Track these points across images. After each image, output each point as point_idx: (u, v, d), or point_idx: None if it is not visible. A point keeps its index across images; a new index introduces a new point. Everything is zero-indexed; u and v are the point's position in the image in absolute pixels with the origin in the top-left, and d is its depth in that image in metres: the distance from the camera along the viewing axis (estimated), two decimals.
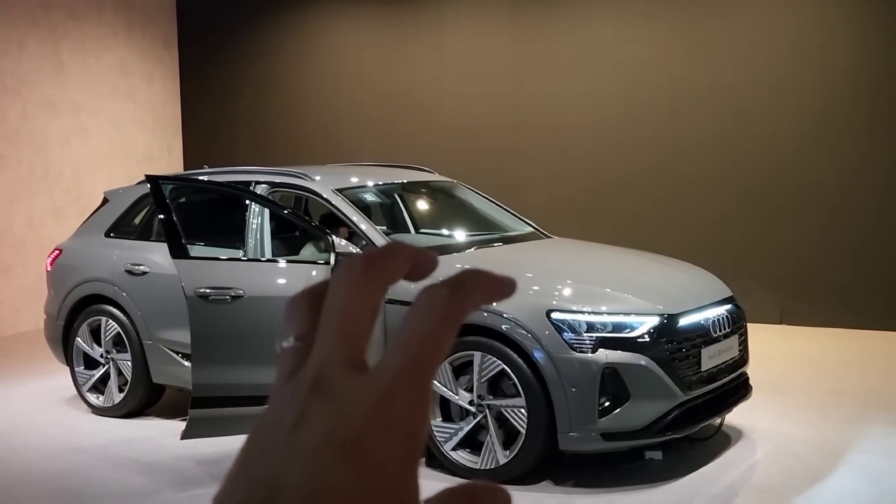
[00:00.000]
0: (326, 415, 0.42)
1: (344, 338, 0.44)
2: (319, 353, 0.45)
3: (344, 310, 0.45)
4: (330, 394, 0.43)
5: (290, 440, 0.42)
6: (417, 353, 0.43)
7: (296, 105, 11.75)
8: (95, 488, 5.25)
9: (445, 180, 7.27)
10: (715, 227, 9.34)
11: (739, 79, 9.18)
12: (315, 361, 0.44)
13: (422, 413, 0.43)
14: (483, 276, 0.46)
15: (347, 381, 0.43)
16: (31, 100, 10.36)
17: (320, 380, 0.43)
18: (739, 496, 4.85)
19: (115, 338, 6.71)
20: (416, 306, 0.45)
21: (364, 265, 0.46)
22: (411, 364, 0.43)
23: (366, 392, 0.42)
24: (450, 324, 0.44)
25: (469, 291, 0.45)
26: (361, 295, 0.45)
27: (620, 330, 4.99)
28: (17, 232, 10.19)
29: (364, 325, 0.45)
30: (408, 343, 0.44)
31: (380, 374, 0.43)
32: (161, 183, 5.59)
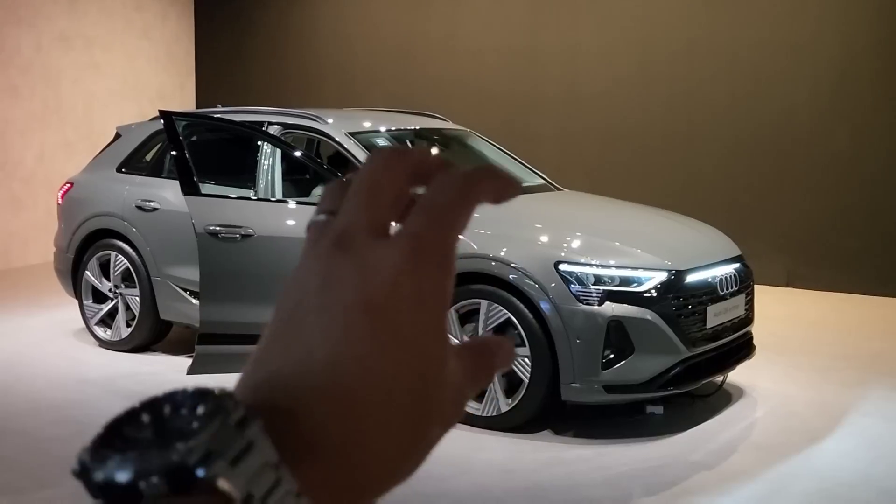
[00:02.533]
0: (352, 272, 0.43)
1: (369, 205, 0.45)
2: (344, 216, 0.45)
3: (371, 180, 0.46)
4: (354, 252, 0.43)
5: (318, 302, 0.43)
6: (439, 219, 0.44)
7: (310, 48, 11.67)
8: (101, 419, 5.19)
9: (458, 129, 7.25)
10: (727, 187, 9.30)
11: (759, 41, 9.08)
12: (339, 223, 0.45)
13: (446, 275, 0.44)
14: (494, 171, 0.47)
15: (372, 242, 0.44)
16: (45, 32, 10.31)
17: (344, 238, 0.44)
18: (738, 452, 4.89)
19: (123, 273, 6.74)
20: (435, 183, 0.46)
21: (394, 149, 0.48)
22: (433, 231, 0.44)
23: (391, 253, 0.43)
24: (468, 200, 0.45)
25: (482, 180, 0.46)
26: (388, 168, 0.46)
27: (628, 284, 5.00)
28: (27, 165, 10.21)
29: (389, 198, 0.46)
30: (429, 211, 0.45)
31: (403, 237, 0.44)
32: (174, 119, 5.58)
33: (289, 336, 0.43)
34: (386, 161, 0.47)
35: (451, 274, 0.44)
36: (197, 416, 0.38)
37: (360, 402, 0.41)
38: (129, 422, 0.39)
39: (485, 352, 0.48)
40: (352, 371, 0.41)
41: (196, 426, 0.37)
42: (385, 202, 0.46)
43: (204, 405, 0.38)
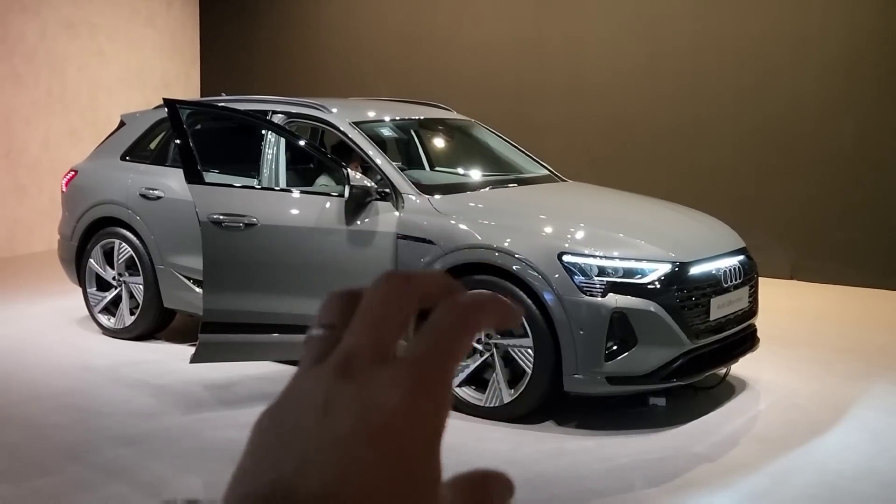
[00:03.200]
0: (355, 401, 0.43)
1: (375, 330, 0.46)
2: (349, 341, 0.46)
3: (380, 305, 0.46)
4: (357, 380, 0.44)
5: (318, 425, 0.43)
6: (442, 344, 0.45)
7: (316, 37, 11.65)
8: (103, 407, 5.33)
9: (463, 119, 7.23)
10: (731, 178, 9.28)
11: (764, 33, 9.05)
12: (344, 348, 0.46)
13: (445, 399, 0.45)
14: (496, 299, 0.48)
15: (376, 369, 0.44)
16: (50, 19, 10.29)
17: (348, 365, 0.44)
18: (740, 445, 4.89)
19: (127, 261, 6.75)
20: (439, 309, 0.46)
21: (407, 273, 0.48)
22: (436, 353, 0.45)
23: (393, 379, 0.44)
24: (469, 328, 0.46)
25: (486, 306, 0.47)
26: (399, 295, 0.47)
27: (631, 275, 4.99)
28: (32, 152, 10.21)
29: (397, 323, 0.46)
30: (432, 334, 0.45)
31: (406, 362, 0.44)
32: (179, 107, 5.57)
33: (283, 454, 0.43)
34: (396, 287, 0.47)
35: (447, 402, 0.45)
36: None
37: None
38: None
39: (484, 488, 0.48)
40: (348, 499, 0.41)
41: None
42: (392, 329, 0.46)
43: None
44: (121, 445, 4.74)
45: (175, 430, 4.96)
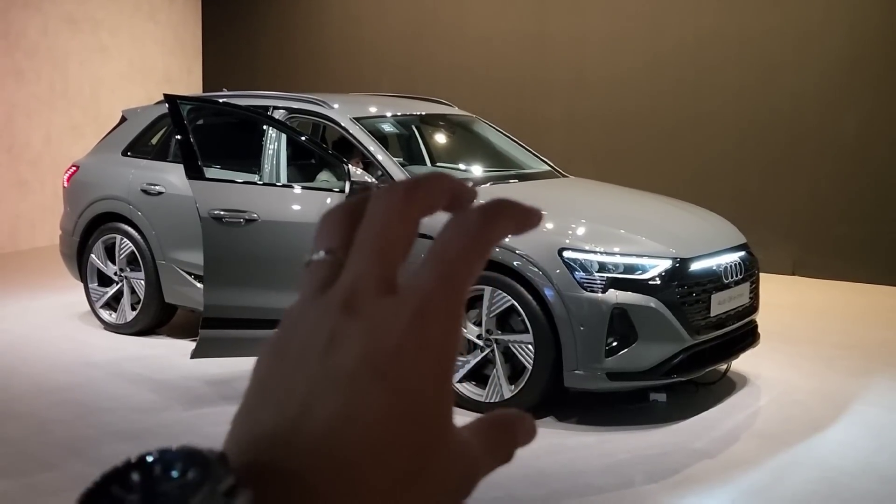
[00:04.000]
0: (360, 336, 0.41)
1: (378, 258, 0.44)
2: (352, 272, 0.44)
3: (381, 231, 0.44)
4: (363, 314, 0.42)
5: (322, 362, 0.41)
6: (449, 273, 0.43)
7: (318, 32, 11.64)
8: (105, 402, 5.33)
9: (464, 115, 7.23)
10: (734, 175, 9.27)
11: (767, 29, 9.03)
12: (347, 280, 0.43)
13: (454, 333, 0.43)
14: (512, 204, 0.45)
15: (380, 302, 0.42)
16: (51, 15, 10.30)
17: (352, 299, 0.42)
18: (741, 441, 4.89)
19: (129, 256, 6.76)
20: (446, 229, 0.44)
21: (406, 190, 0.45)
22: (443, 284, 0.43)
23: (399, 312, 0.42)
24: (481, 247, 0.44)
25: (499, 218, 0.45)
26: (400, 218, 0.44)
27: (632, 271, 4.99)
28: (34, 147, 10.22)
29: (400, 248, 0.44)
30: (439, 263, 0.43)
31: (412, 294, 0.42)
32: (179, 103, 5.57)
33: (286, 393, 0.42)
34: (397, 204, 0.45)
35: (458, 331, 0.43)
36: (186, 481, 0.37)
37: (360, 470, 0.39)
38: (118, 480, 0.37)
39: (506, 427, 0.46)
40: (353, 438, 0.40)
41: (185, 494, 0.36)
42: (395, 255, 0.44)
43: (193, 470, 0.37)
44: (122, 440, 4.74)
45: (176, 426, 4.97)
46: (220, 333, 5.44)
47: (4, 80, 9.86)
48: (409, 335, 0.41)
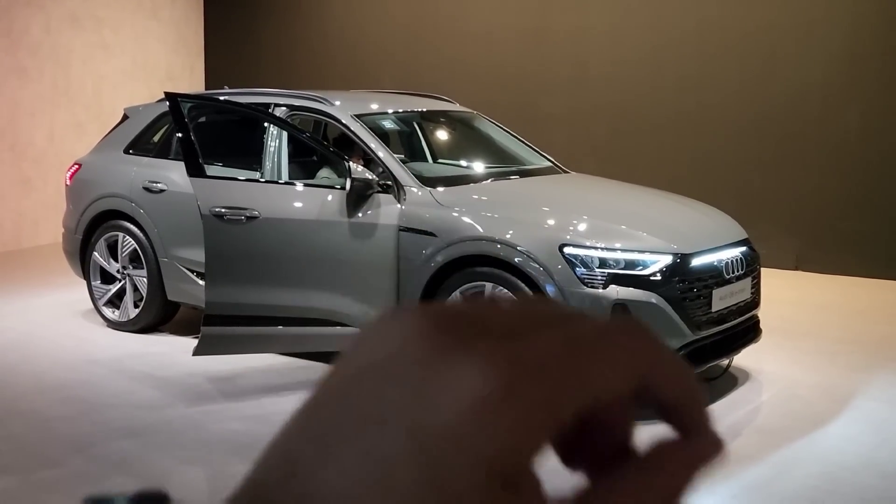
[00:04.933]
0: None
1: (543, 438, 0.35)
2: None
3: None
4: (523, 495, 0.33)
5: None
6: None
7: (319, 29, 11.64)
8: (108, 399, 5.35)
9: (465, 111, 7.22)
10: (736, 169, 9.26)
11: (769, 22, 9.02)
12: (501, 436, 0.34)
13: None
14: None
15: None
16: (54, 13, 10.31)
17: (510, 473, 0.33)
18: (742, 436, 4.89)
19: (131, 254, 6.77)
20: (636, 476, 0.36)
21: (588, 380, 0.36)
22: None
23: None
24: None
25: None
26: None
27: (633, 267, 4.99)
28: (38, 145, 10.23)
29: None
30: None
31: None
32: (180, 101, 5.58)
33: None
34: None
35: None
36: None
37: None
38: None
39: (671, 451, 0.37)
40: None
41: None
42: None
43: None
44: (125, 438, 4.76)
45: (179, 423, 4.98)
46: (222, 330, 5.45)
47: (7, 79, 9.87)
48: None
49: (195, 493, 4.22)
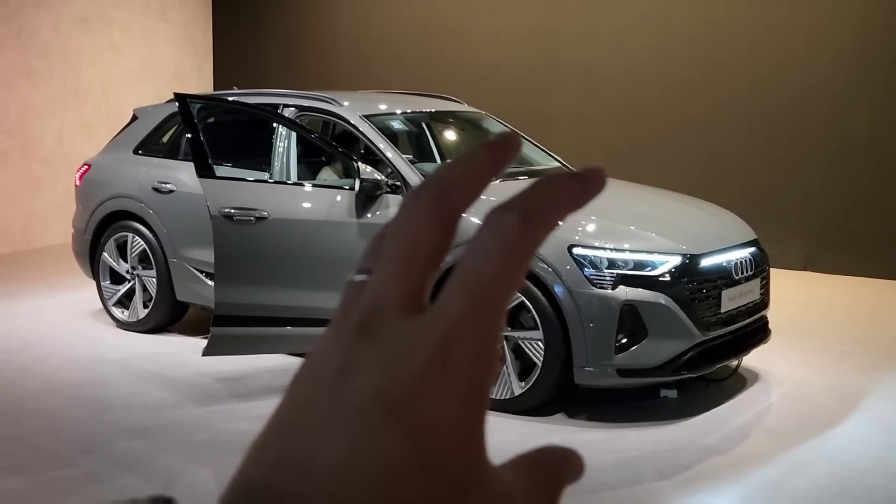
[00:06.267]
0: (374, 365, 0.36)
1: (402, 272, 0.37)
2: (372, 290, 0.38)
3: (406, 240, 0.38)
4: (379, 338, 0.36)
5: (330, 394, 0.36)
6: (483, 293, 0.36)
7: (328, 30, 11.66)
8: (117, 399, 5.36)
9: (473, 111, 7.23)
10: (745, 170, 9.25)
11: (777, 24, 9.00)
12: (366, 299, 0.38)
13: (487, 366, 0.36)
14: (560, 185, 0.38)
15: (400, 325, 0.36)
16: (63, 14, 10.34)
17: (369, 321, 0.37)
18: (751, 437, 4.88)
19: (140, 254, 6.79)
20: (480, 236, 0.37)
21: (439, 184, 0.38)
22: (475, 305, 0.36)
23: (421, 338, 0.36)
24: (521, 257, 0.36)
25: (546, 213, 0.37)
26: (430, 222, 0.38)
27: (642, 268, 4.99)
28: (47, 146, 10.26)
29: (428, 260, 0.38)
30: (471, 281, 0.36)
31: (438, 317, 0.36)
32: (189, 101, 5.59)
33: (291, 430, 0.36)
34: (425, 209, 0.38)
35: (492, 363, 0.36)
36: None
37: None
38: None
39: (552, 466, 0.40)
40: (358, 488, 0.33)
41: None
42: (422, 267, 0.38)
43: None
44: (134, 438, 4.77)
45: (188, 423, 4.99)
46: (231, 331, 5.46)
47: (17, 79, 9.90)
48: (432, 365, 0.35)
49: (204, 493, 4.23)
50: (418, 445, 0.34)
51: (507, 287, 0.36)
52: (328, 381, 0.36)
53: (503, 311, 0.36)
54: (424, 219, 0.38)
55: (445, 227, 0.38)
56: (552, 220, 0.37)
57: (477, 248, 0.37)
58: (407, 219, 0.38)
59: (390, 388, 0.35)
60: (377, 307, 0.37)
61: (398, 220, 0.39)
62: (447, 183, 0.38)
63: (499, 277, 0.36)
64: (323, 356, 0.37)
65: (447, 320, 0.36)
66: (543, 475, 0.40)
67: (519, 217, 0.37)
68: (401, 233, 0.38)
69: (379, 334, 0.36)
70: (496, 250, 0.36)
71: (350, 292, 0.39)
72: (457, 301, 0.36)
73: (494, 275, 0.36)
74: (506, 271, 0.36)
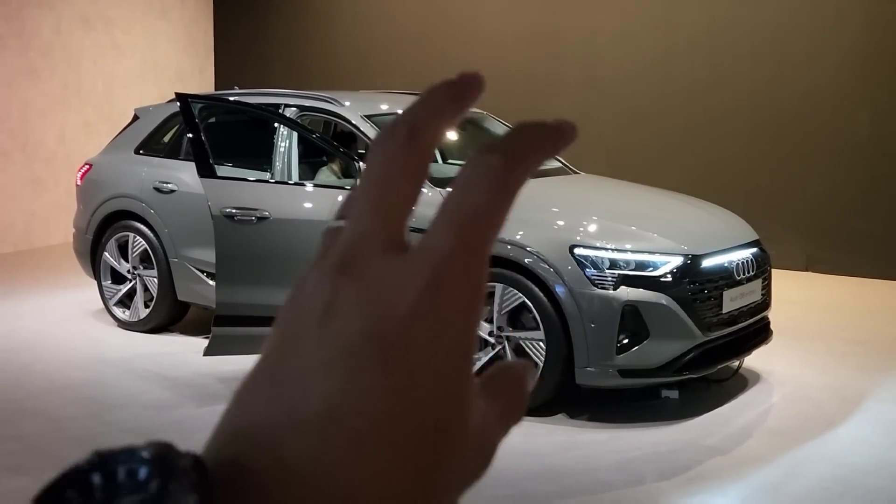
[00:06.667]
0: (359, 303, 0.36)
1: (380, 211, 0.38)
2: (351, 229, 0.38)
3: (382, 178, 0.38)
4: (362, 277, 0.36)
5: (317, 334, 0.36)
6: (470, 230, 0.36)
7: (329, 30, 11.65)
8: (119, 399, 5.36)
9: (474, 111, 7.21)
10: (746, 171, 9.24)
11: (780, 25, 9.00)
12: (345, 238, 0.38)
13: (475, 301, 0.36)
14: (537, 130, 0.38)
15: (384, 263, 0.36)
16: (65, 14, 10.34)
17: (351, 259, 0.37)
18: (753, 437, 4.88)
19: (142, 254, 6.79)
20: (463, 175, 0.37)
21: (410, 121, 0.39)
22: (461, 243, 0.36)
23: (407, 277, 0.36)
24: (506, 195, 0.37)
25: (526, 153, 0.37)
26: (405, 160, 0.38)
27: (643, 268, 4.98)
28: (48, 146, 10.27)
29: (406, 196, 0.38)
30: (457, 219, 0.36)
31: (424, 256, 0.36)
32: (190, 101, 5.59)
33: (279, 372, 0.36)
34: (399, 147, 0.38)
35: (479, 299, 0.36)
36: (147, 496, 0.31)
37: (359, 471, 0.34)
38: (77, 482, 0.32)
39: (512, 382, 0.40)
40: (350, 428, 0.34)
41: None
42: (401, 204, 0.38)
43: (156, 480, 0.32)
44: (135, 438, 4.72)
45: (189, 423, 4.99)
46: (232, 331, 5.46)
47: (18, 79, 9.91)
48: (422, 303, 0.35)
49: None
50: (409, 382, 0.35)
51: (494, 224, 0.37)
52: (314, 321, 0.36)
53: (490, 248, 0.37)
54: (399, 152, 0.38)
55: (419, 160, 0.38)
56: (534, 161, 0.38)
57: (461, 186, 0.37)
58: (380, 155, 0.38)
59: (381, 325, 0.35)
60: (358, 245, 0.37)
61: (371, 158, 0.39)
62: (418, 119, 0.39)
63: (485, 214, 0.36)
64: (305, 298, 0.37)
65: (435, 258, 0.36)
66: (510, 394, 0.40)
67: (502, 157, 0.37)
68: (374, 170, 0.38)
69: (363, 272, 0.36)
70: (481, 188, 0.37)
71: (329, 237, 0.39)
72: (444, 238, 0.36)
73: (481, 211, 0.36)
74: (492, 208, 0.36)
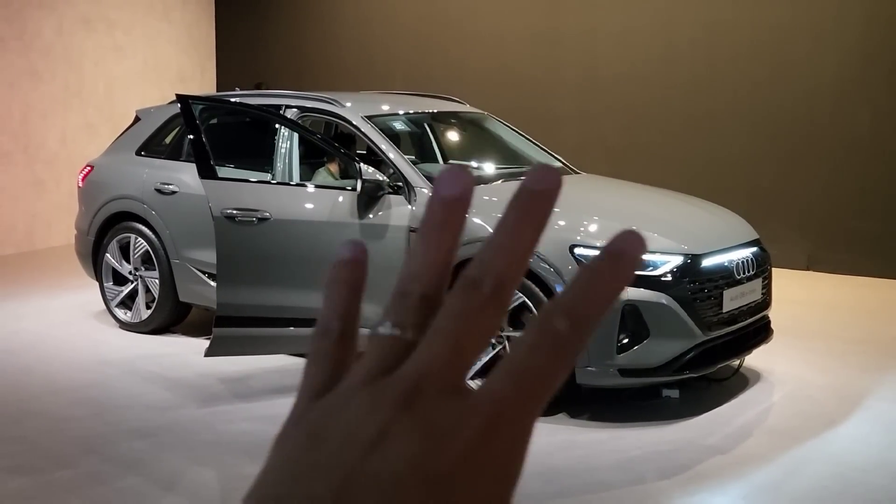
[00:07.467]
0: (415, 437, 0.37)
1: (455, 353, 0.39)
2: (420, 363, 0.39)
3: (464, 323, 0.39)
4: (423, 413, 0.38)
5: (365, 458, 0.37)
6: (529, 384, 0.38)
7: (330, 31, 11.67)
8: (120, 400, 5.38)
9: (476, 112, 7.23)
10: (747, 170, 9.24)
11: (780, 24, 9.00)
12: (412, 371, 0.39)
13: (522, 452, 0.38)
14: (601, 285, 0.40)
15: (445, 404, 0.38)
16: (66, 15, 10.36)
17: (416, 395, 0.38)
18: (753, 437, 4.88)
19: (143, 255, 6.80)
20: (530, 333, 0.39)
21: (495, 282, 0.40)
22: (521, 394, 0.38)
23: (467, 420, 0.38)
24: (566, 359, 0.39)
25: (589, 320, 0.39)
26: (488, 313, 0.40)
27: (643, 268, 4.99)
28: (50, 147, 10.28)
29: (480, 344, 0.40)
30: (518, 372, 0.38)
31: (483, 403, 0.38)
32: (191, 103, 5.61)
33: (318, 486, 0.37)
34: (483, 299, 0.40)
35: (526, 450, 0.39)
36: None
37: None
38: None
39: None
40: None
41: None
42: (471, 353, 0.40)
43: None
44: (136, 438, 4.78)
45: (190, 424, 5.00)
46: (233, 332, 5.48)
47: (20, 80, 9.93)
48: (475, 448, 0.37)
49: (207, 493, 4.24)
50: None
51: (551, 383, 0.39)
52: (363, 444, 0.37)
53: (542, 407, 0.39)
54: (486, 307, 0.40)
55: (499, 316, 0.40)
56: (596, 323, 0.39)
57: (528, 345, 0.39)
58: (465, 301, 0.40)
59: (432, 462, 0.36)
60: (424, 381, 0.39)
61: (455, 298, 0.40)
62: (504, 274, 0.40)
63: (545, 374, 0.38)
64: (354, 416, 0.39)
65: (494, 404, 0.38)
66: None
67: (566, 323, 0.39)
68: (457, 311, 0.40)
69: (423, 408, 0.38)
70: (544, 349, 0.38)
71: (383, 347, 0.41)
72: (504, 388, 0.38)
73: (541, 371, 0.38)
74: (551, 369, 0.38)
